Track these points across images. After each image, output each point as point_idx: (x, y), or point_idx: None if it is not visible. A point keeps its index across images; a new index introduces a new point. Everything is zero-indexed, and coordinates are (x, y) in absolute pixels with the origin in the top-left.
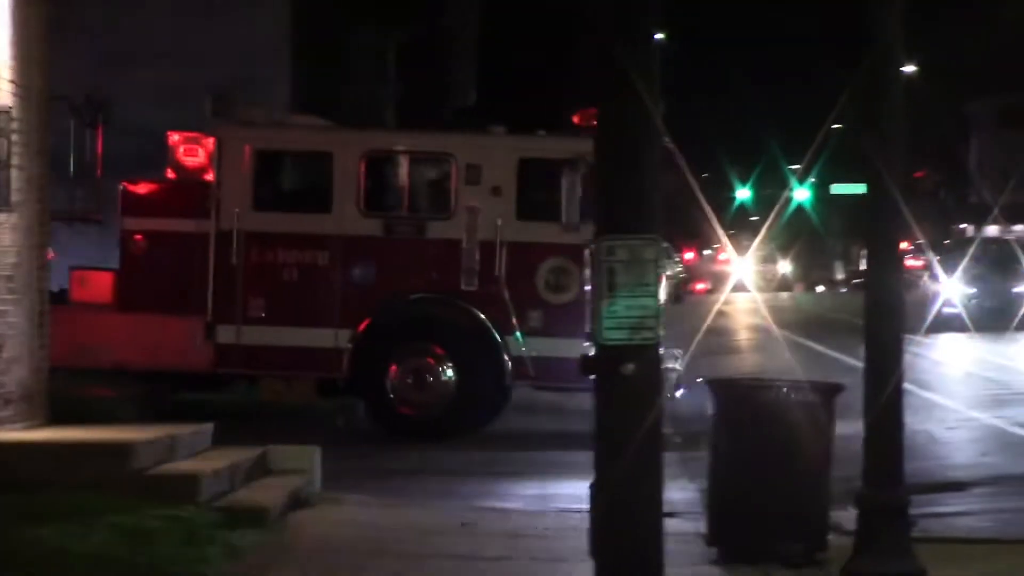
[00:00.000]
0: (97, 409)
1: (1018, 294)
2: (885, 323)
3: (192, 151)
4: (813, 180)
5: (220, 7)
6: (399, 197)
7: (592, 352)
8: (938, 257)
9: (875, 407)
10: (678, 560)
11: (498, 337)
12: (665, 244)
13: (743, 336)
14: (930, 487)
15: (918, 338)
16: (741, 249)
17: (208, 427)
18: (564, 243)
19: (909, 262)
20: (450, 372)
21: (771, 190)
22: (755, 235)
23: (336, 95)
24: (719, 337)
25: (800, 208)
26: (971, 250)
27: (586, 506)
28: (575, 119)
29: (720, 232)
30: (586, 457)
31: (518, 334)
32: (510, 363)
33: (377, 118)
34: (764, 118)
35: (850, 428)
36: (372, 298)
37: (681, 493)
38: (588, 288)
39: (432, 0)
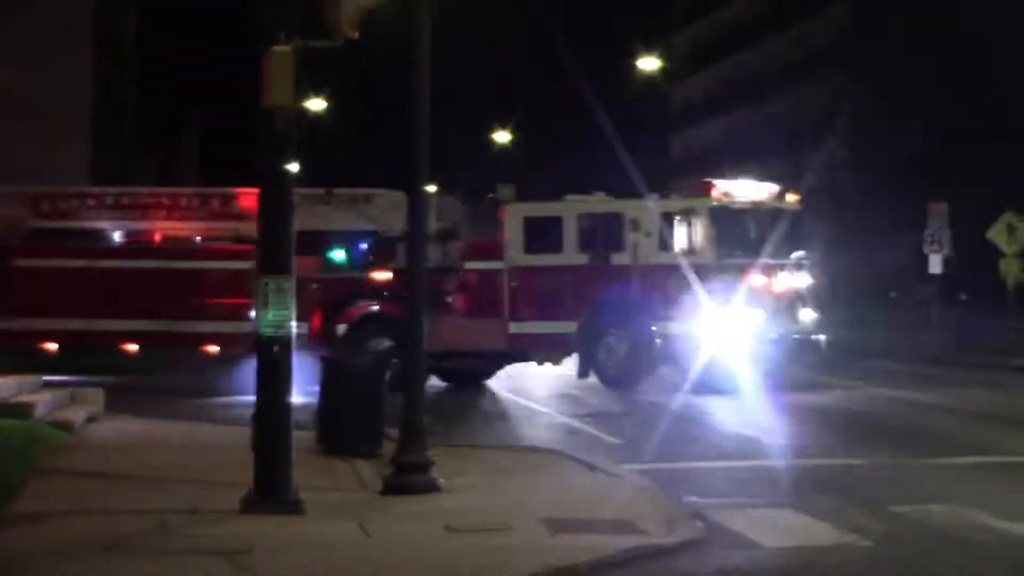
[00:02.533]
0: None
1: None
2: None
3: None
4: None
5: None
6: (595, 239)
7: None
8: None
9: (411, 376)
10: (301, 450)
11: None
12: None
13: None
14: None
15: None
16: None
17: (40, 377)
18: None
19: None
20: (625, 342)
21: None
22: None
23: None
24: None
25: None
26: None
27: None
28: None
29: None
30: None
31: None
32: (657, 339)
33: None
34: None
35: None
36: (588, 300)
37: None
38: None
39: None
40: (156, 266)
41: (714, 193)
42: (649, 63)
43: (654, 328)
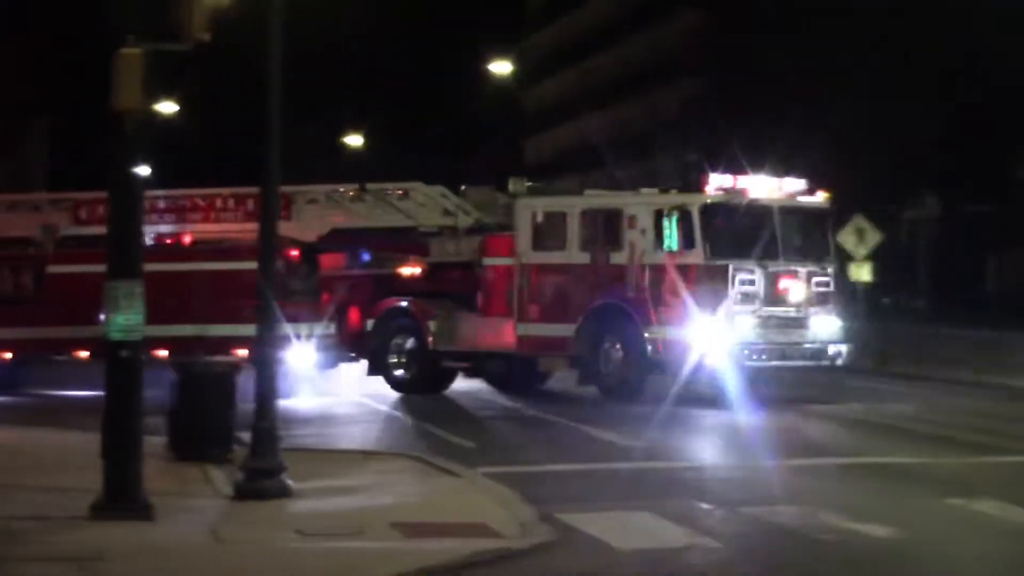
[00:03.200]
0: None
1: None
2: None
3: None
4: None
5: None
6: (596, 237)
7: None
8: None
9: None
10: (152, 456)
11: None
12: None
13: None
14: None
15: None
16: None
17: None
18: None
19: None
20: (620, 349)
21: None
22: None
23: None
24: None
25: None
26: None
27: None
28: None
29: None
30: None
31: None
32: (649, 344)
33: None
34: None
35: None
36: (587, 303)
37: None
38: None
39: None
40: (188, 269)
41: (708, 189)
42: (501, 67)
43: (646, 335)
